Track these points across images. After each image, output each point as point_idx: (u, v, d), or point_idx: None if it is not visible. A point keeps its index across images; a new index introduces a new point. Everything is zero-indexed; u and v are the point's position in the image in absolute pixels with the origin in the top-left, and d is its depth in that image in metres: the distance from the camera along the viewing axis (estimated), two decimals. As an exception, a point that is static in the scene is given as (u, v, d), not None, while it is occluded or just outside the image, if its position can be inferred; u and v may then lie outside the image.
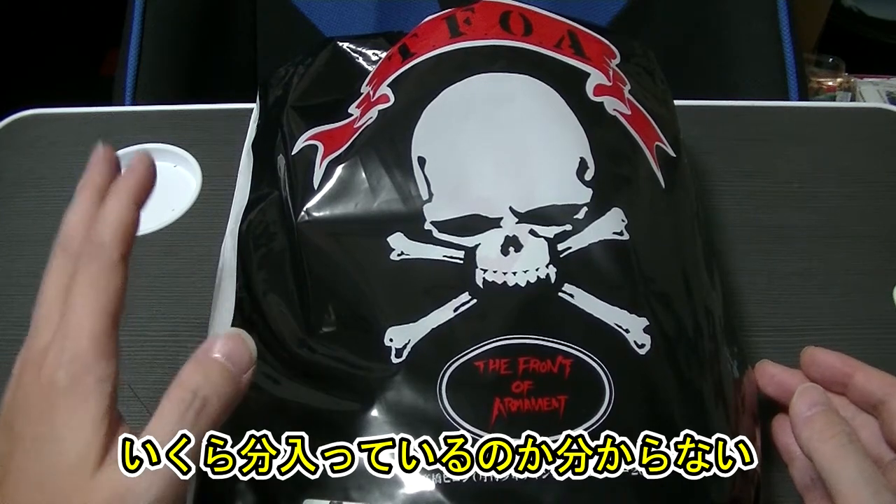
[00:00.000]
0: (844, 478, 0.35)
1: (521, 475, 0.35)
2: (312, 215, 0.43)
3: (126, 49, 0.77)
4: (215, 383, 0.31)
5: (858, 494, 0.35)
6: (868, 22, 1.53)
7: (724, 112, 0.67)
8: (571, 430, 0.36)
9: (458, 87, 0.46)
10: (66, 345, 0.30)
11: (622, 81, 0.49)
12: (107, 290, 0.30)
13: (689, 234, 0.45)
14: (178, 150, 0.62)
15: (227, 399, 0.31)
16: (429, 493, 0.35)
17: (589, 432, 0.36)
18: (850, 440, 0.37)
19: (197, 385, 0.30)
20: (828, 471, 0.36)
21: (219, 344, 0.32)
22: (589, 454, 0.36)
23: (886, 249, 0.57)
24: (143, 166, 0.34)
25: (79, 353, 0.29)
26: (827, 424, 0.38)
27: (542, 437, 0.36)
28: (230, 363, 0.32)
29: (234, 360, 0.32)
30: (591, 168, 0.43)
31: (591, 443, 0.36)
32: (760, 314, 0.53)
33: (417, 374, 0.38)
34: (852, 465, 0.36)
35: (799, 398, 0.39)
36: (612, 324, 0.39)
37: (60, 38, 1.71)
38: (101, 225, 0.32)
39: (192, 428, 0.29)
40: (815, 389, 0.40)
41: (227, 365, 0.32)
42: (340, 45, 0.55)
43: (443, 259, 0.41)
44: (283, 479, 0.36)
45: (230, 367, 0.32)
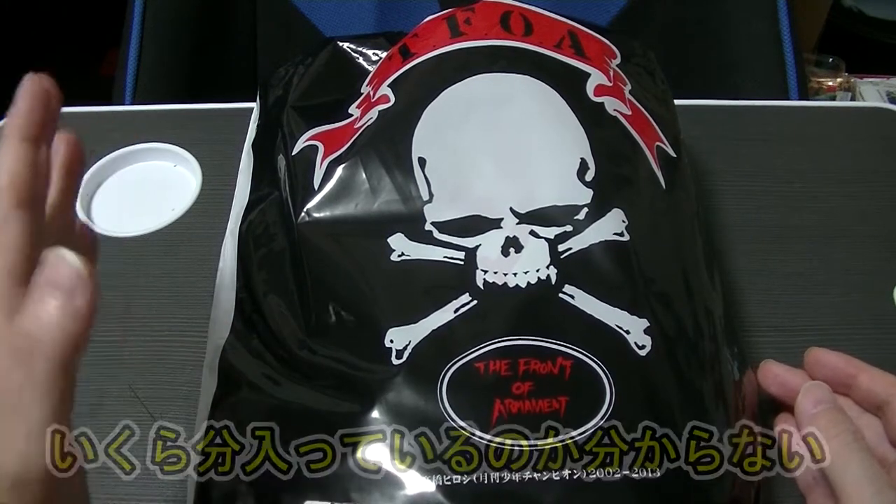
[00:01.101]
0: (848, 476, 0.36)
1: (521, 476, 0.35)
2: (313, 216, 0.43)
3: (126, 49, 0.77)
4: (50, 322, 0.26)
5: (862, 493, 0.35)
6: (868, 22, 1.53)
7: (724, 112, 0.67)
8: (572, 431, 0.36)
9: (459, 87, 0.46)
10: None
11: (623, 82, 0.49)
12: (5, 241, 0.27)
13: (690, 235, 0.45)
14: (178, 149, 0.62)
15: (69, 335, 0.27)
16: (429, 494, 0.35)
17: (589, 433, 0.36)
18: (855, 438, 0.37)
19: (26, 325, 0.26)
20: (832, 467, 0.36)
21: (45, 271, 0.28)
22: (589, 455, 0.36)
23: (886, 249, 0.57)
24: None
25: None
26: (832, 422, 0.38)
27: (542, 438, 0.36)
28: (60, 290, 0.27)
29: (64, 285, 0.27)
30: (592, 169, 0.43)
31: (592, 443, 0.36)
32: (760, 314, 0.53)
33: (418, 376, 0.38)
34: (857, 463, 0.36)
35: (804, 395, 0.40)
36: (613, 325, 0.39)
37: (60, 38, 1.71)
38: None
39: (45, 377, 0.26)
40: (820, 387, 0.40)
41: (58, 294, 0.27)
42: (341, 45, 0.55)
43: (443, 260, 0.41)
44: (283, 481, 0.36)
45: (62, 298, 0.27)
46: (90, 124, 0.66)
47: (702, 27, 0.83)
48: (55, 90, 0.32)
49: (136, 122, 0.67)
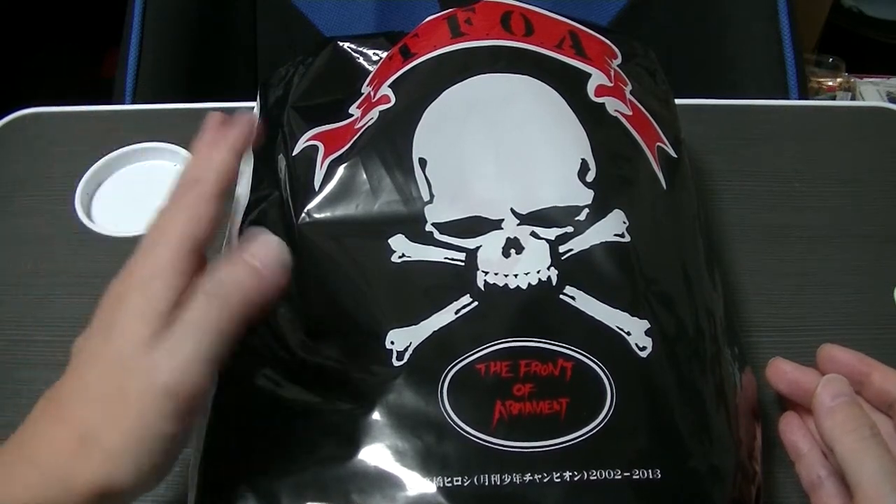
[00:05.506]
0: (865, 471, 0.36)
1: (522, 478, 0.35)
2: (313, 216, 0.43)
3: (126, 49, 0.77)
4: (238, 278, 0.35)
5: (879, 488, 0.35)
6: (868, 22, 1.53)
7: (724, 112, 0.67)
8: (573, 432, 0.36)
9: (459, 87, 0.46)
10: (150, 252, 0.34)
11: (623, 82, 0.49)
12: (196, 216, 0.34)
13: (691, 235, 0.45)
14: (178, 149, 0.62)
15: (247, 292, 0.34)
16: (430, 495, 0.35)
17: (590, 435, 0.36)
18: (872, 433, 0.37)
19: (219, 276, 0.34)
20: (848, 462, 0.36)
21: (251, 246, 0.36)
22: (590, 456, 0.36)
23: (886, 249, 0.57)
24: (243, 123, 0.38)
25: (156, 261, 0.33)
26: (850, 417, 0.38)
27: (543, 440, 0.36)
28: (257, 261, 0.35)
29: (262, 259, 0.35)
30: (593, 169, 0.43)
31: (593, 445, 0.36)
32: (761, 314, 0.53)
33: (419, 377, 0.38)
34: (874, 458, 0.36)
35: (823, 388, 0.40)
36: (614, 326, 0.39)
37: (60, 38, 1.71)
38: (203, 165, 0.37)
39: (218, 315, 0.33)
40: (839, 381, 0.40)
41: (254, 262, 0.35)
42: (341, 45, 0.55)
43: (444, 261, 0.41)
44: (284, 481, 0.36)
45: (256, 264, 0.35)
46: (90, 124, 0.66)
47: (702, 27, 0.83)
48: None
49: (136, 121, 0.67)
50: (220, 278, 0.34)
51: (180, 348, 0.32)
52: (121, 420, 0.31)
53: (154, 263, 0.34)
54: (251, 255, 0.35)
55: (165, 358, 0.32)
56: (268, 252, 0.36)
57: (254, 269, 0.35)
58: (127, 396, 0.32)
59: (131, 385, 0.32)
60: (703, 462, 0.37)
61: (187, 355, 0.32)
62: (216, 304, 0.33)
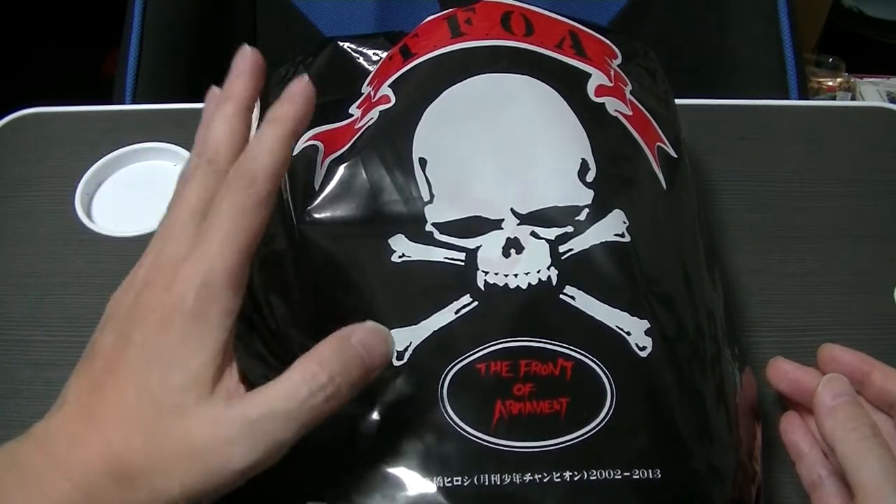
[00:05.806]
0: (866, 470, 0.36)
1: (522, 478, 0.35)
2: (314, 217, 0.43)
3: (126, 49, 0.77)
4: (351, 374, 0.31)
5: (880, 488, 0.35)
6: (868, 22, 1.53)
7: (724, 112, 0.67)
8: (573, 432, 0.36)
9: (460, 87, 0.46)
10: (202, 268, 0.30)
11: (623, 82, 0.49)
12: (250, 226, 0.31)
13: (691, 235, 0.45)
14: (178, 149, 0.62)
15: (354, 391, 0.31)
16: (430, 495, 0.35)
17: (590, 435, 0.36)
18: (874, 433, 0.37)
19: (335, 370, 0.31)
20: (849, 462, 0.36)
21: (360, 333, 0.32)
22: (590, 456, 0.36)
23: (886, 249, 0.57)
24: (304, 97, 0.33)
25: (212, 282, 0.30)
26: (851, 416, 0.38)
27: (543, 440, 0.36)
28: (367, 355, 0.32)
29: (371, 352, 0.32)
30: (593, 169, 0.43)
31: (593, 445, 0.36)
32: (760, 314, 0.53)
33: (419, 377, 0.38)
34: (875, 458, 0.36)
35: (824, 387, 0.40)
36: (614, 326, 0.39)
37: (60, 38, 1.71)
38: (258, 154, 0.32)
39: (314, 409, 0.30)
40: (840, 380, 0.40)
41: (365, 356, 0.32)
42: (341, 45, 0.55)
43: (444, 261, 0.41)
44: (284, 481, 0.36)
45: (367, 360, 0.32)
46: (90, 124, 0.66)
47: (702, 27, 0.83)
48: (262, 62, 0.35)
49: (136, 121, 0.67)
50: (334, 368, 0.31)
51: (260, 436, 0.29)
52: (175, 473, 0.28)
53: (207, 284, 0.30)
54: (364, 348, 0.32)
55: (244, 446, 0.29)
56: (377, 344, 0.32)
57: (364, 367, 0.32)
58: (192, 451, 0.28)
59: (196, 439, 0.28)
60: (703, 462, 0.37)
61: (267, 438, 0.29)
62: (319, 400, 0.30)
